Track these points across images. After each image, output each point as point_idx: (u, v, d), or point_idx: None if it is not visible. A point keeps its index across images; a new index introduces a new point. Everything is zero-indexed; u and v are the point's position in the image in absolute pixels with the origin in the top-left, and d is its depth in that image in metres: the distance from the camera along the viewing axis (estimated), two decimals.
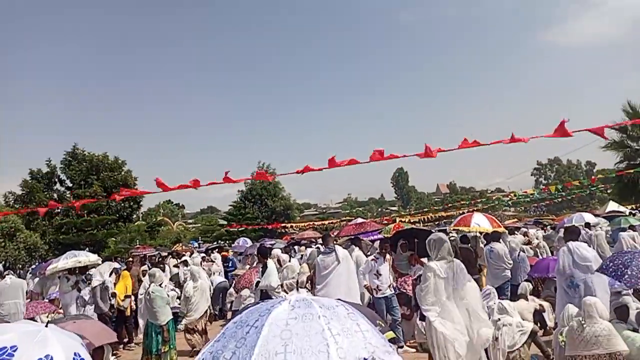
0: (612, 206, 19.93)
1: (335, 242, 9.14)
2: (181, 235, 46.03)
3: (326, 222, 31.05)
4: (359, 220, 15.83)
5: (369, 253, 10.68)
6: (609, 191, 33.55)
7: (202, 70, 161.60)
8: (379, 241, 10.29)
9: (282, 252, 13.21)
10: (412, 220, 32.79)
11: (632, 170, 21.05)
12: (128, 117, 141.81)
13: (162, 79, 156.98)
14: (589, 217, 15.69)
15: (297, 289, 9.38)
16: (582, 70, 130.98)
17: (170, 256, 17.33)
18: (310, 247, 15.42)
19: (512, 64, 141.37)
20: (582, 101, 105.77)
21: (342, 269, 7.91)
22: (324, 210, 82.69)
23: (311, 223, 29.87)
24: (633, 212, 20.71)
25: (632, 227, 12.47)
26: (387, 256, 8.75)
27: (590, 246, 10.58)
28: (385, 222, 26.19)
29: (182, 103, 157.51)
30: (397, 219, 31.80)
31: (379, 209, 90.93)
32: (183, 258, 14.69)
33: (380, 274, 8.24)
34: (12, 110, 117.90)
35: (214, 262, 15.07)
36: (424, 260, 9.96)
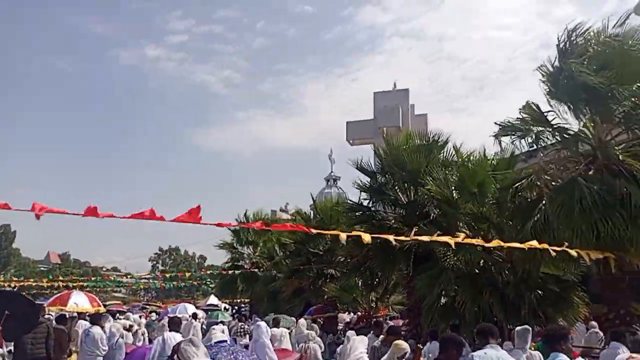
0: (213, 300, 22.22)
1: None
2: None
3: None
4: None
5: None
6: (212, 285, 37.48)
7: None
8: None
9: None
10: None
11: (233, 271, 24.45)
12: None
13: None
14: (191, 308, 16.95)
15: None
16: (215, 173, 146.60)
17: None
18: None
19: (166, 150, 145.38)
20: (214, 201, 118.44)
21: None
22: None
23: None
24: (227, 307, 23.68)
25: (222, 322, 14.17)
26: None
27: (193, 334, 11.36)
28: None
29: None
30: None
31: None
32: None
33: None
34: None
35: None
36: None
